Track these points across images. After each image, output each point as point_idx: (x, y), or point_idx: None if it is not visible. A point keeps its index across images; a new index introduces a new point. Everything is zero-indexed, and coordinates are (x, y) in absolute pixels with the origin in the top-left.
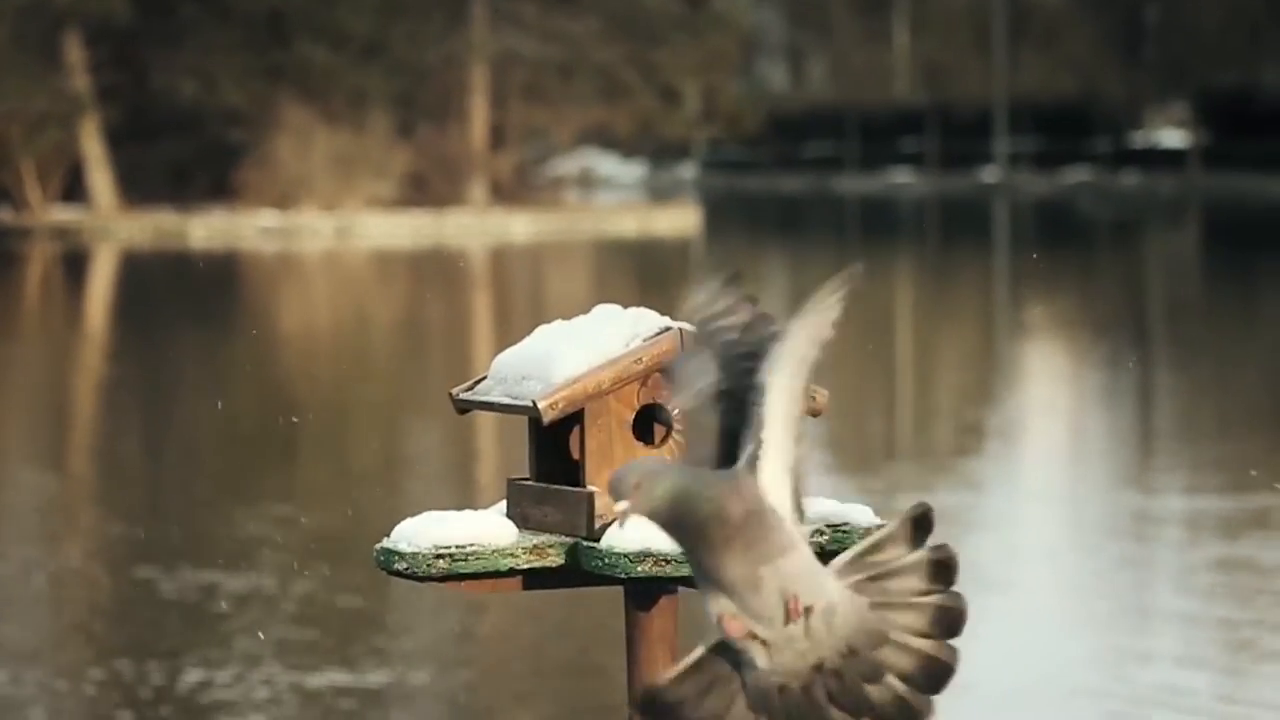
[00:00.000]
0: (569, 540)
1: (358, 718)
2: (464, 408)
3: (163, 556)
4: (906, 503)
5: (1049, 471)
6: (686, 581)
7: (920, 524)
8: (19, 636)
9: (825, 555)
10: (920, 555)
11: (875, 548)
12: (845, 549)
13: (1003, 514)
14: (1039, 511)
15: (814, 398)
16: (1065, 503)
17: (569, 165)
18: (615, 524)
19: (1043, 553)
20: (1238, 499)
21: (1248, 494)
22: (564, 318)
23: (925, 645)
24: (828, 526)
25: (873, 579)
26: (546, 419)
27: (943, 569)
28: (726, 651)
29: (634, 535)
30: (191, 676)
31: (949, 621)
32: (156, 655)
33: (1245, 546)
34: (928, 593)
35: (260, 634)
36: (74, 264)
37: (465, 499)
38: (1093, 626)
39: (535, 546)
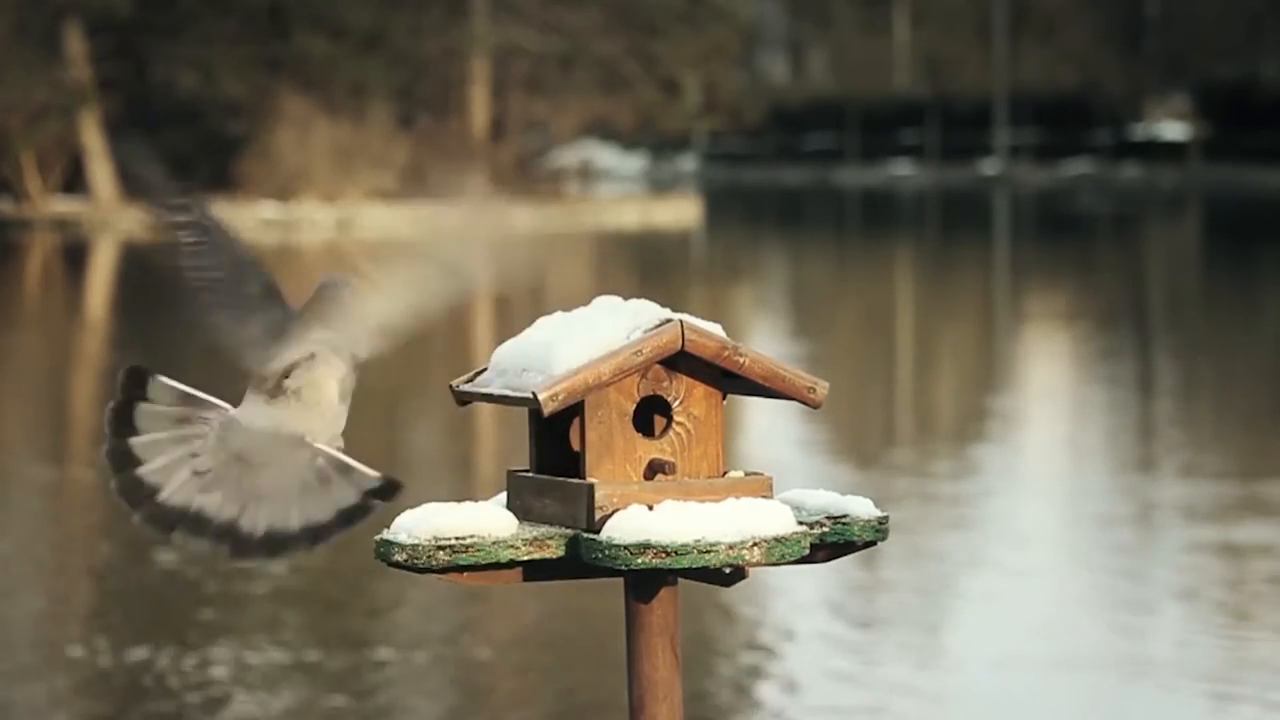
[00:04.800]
0: (569, 532)
1: (362, 697)
2: (464, 399)
3: (156, 540)
4: (906, 489)
5: (1049, 457)
6: (687, 573)
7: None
8: (27, 621)
9: (825, 547)
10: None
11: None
12: (846, 541)
13: (1003, 499)
14: (1039, 496)
15: (813, 389)
16: (1065, 488)
17: (569, 157)
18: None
19: (1043, 537)
20: (1238, 485)
21: (1249, 480)
22: (564, 309)
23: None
24: (827, 518)
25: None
26: (547, 410)
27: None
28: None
29: (635, 527)
30: (191, 656)
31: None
32: (157, 637)
33: (1243, 531)
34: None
35: (260, 616)
36: (74, 255)
37: (466, 490)
38: (1092, 608)
39: (535, 538)
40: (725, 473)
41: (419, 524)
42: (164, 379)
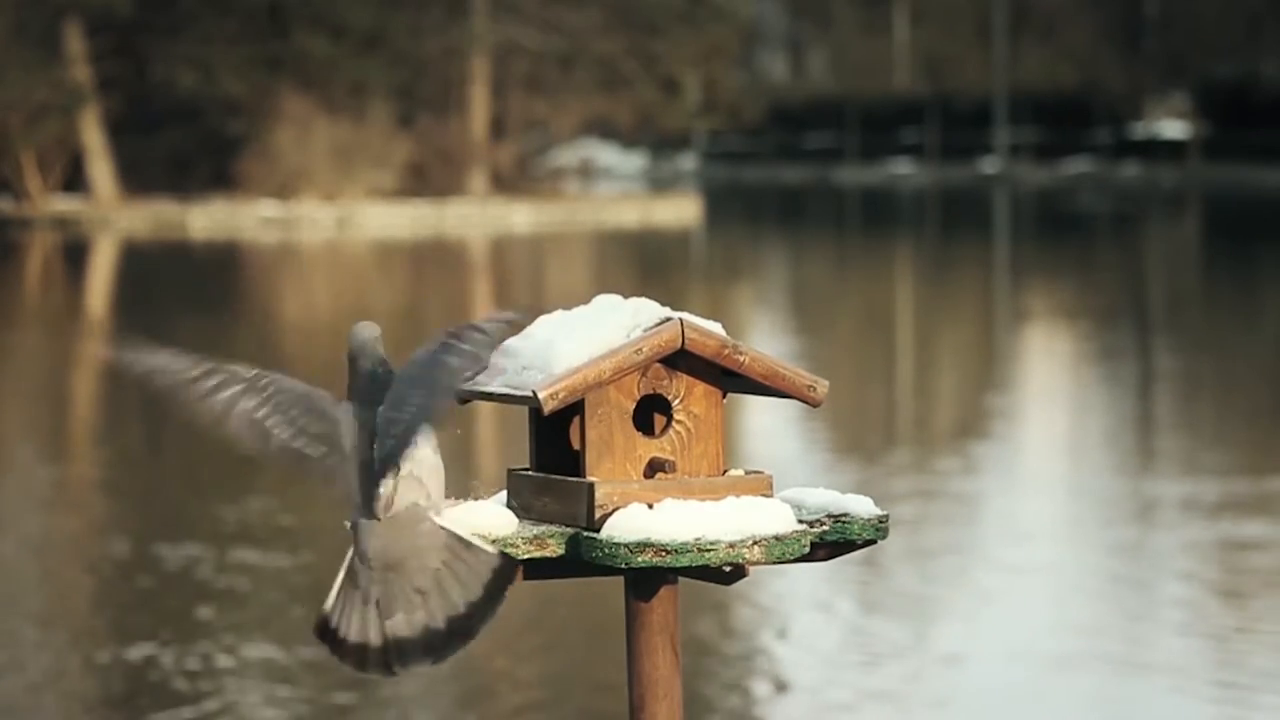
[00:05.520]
0: (569, 530)
1: (370, 696)
2: (464, 398)
3: (163, 538)
4: (907, 487)
5: (1049, 455)
6: (687, 572)
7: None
8: (29, 620)
9: (825, 545)
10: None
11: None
12: (846, 539)
13: (1004, 497)
14: (1040, 494)
15: (813, 388)
16: (1066, 486)
17: (569, 156)
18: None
19: (1044, 535)
20: (1239, 482)
21: (1250, 477)
22: (564, 308)
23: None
24: (828, 517)
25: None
26: (547, 409)
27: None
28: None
29: (635, 525)
30: (195, 655)
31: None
32: (161, 635)
33: (1245, 527)
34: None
35: (265, 614)
36: (74, 254)
37: (466, 489)
38: (1093, 605)
39: (535, 537)
40: (725, 471)
41: None
42: None
